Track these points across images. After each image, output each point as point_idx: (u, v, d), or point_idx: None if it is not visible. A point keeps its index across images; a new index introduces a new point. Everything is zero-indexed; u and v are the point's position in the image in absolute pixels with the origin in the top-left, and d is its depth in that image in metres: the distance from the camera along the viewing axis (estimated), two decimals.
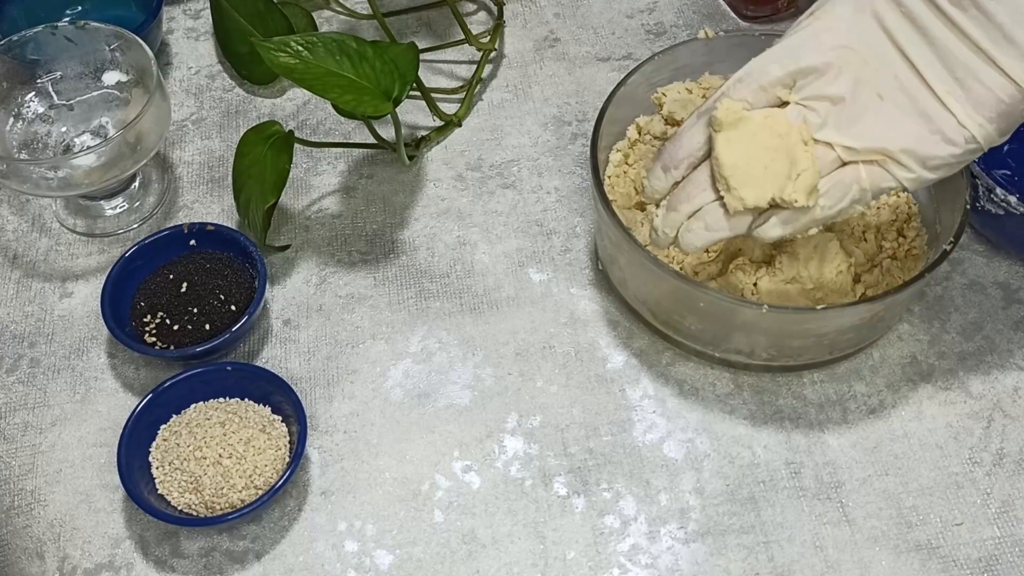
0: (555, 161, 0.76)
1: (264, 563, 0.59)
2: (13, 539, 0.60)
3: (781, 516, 0.59)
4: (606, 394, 0.64)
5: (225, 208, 0.74)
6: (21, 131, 0.72)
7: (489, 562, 0.58)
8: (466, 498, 0.60)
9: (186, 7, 0.88)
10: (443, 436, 0.63)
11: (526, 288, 0.69)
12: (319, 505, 0.60)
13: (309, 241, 0.72)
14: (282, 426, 0.61)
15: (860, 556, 0.58)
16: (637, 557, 0.58)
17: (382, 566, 0.58)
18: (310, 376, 0.66)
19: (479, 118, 0.79)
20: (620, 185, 0.68)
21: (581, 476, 0.61)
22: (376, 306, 0.69)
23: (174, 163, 0.77)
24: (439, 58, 0.83)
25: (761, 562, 0.58)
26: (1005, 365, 0.65)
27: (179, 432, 0.60)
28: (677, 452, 0.62)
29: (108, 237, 0.73)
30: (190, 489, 0.58)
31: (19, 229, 0.74)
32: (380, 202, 0.74)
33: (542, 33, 0.85)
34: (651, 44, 0.83)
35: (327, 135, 0.79)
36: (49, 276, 0.71)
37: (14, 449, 0.63)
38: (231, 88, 0.82)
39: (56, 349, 0.68)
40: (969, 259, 0.69)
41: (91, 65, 0.73)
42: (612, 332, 0.67)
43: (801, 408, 0.63)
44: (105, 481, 0.62)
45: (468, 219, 0.73)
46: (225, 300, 0.66)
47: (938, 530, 0.58)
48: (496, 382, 0.65)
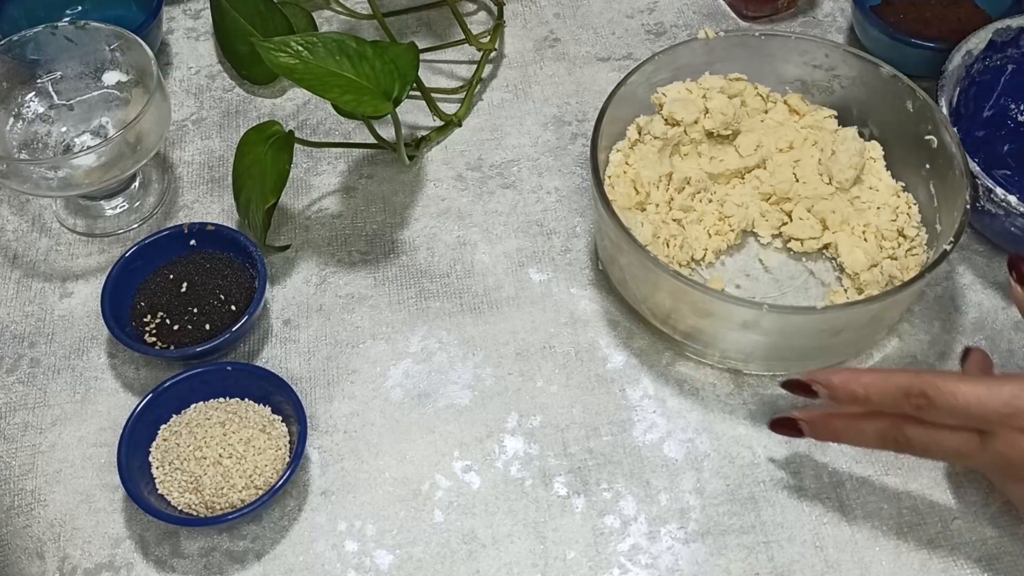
0: (555, 161, 0.76)
1: (264, 563, 0.59)
2: (13, 539, 0.60)
3: (781, 516, 0.59)
4: (606, 394, 0.64)
5: (225, 208, 0.74)
6: (21, 131, 0.72)
7: (489, 562, 0.58)
8: (466, 498, 0.60)
9: (186, 7, 0.88)
10: (443, 436, 0.63)
11: (526, 288, 0.69)
12: (319, 505, 0.60)
13: (309, 241, 0.72)
14: (282, 426, 0.61)
15: (860, 556, 0.58)
16: (637, 557, 0.58)
17: (382, 566, 0.58)
18: (310, 376, 0.66)
19: (479, 118, 0.79)
20: (620, 185, 0.68)
21: (581, 476, 0.61)
22: (376, 306, 0.69)
23: (174, 163, 0.77)
24: (439, 58, 0.83)
25: (761, 562, 0.58)
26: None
27: (179, 432, 0.60)
28: (677, 452, 0.62)
29: (108, 237, 0.73)
30: (190, 489, 0.58)
31: (19, 229, 0.74)
32: (380, 202, 0.74)
33: (542, 33, 0.85)
34: (651, 44, 0.83)
35: (327, 135, 0.79)
36: (49, 276, 0.71)
37: (14, 449, 0.63)
38: (231, 88, 0.82)
39: (56, 349, 0.68)
40: (969, 259, 0.69)
41: (91, 65, 0.73)
42: (612, 332, 0.67)
43: None
44: (105, 481, 0.62)
45: (468, 219, 0.73)
46: (225, 300, 0.66)
47: (938, 530, 0.58)
48: (496, 382, 0.65)
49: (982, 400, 0.50)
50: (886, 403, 0.52)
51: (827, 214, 0.67)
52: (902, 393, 0.51)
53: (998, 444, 0.50)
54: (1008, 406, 0.49)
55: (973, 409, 0.50)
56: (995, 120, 0.73)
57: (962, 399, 0.50)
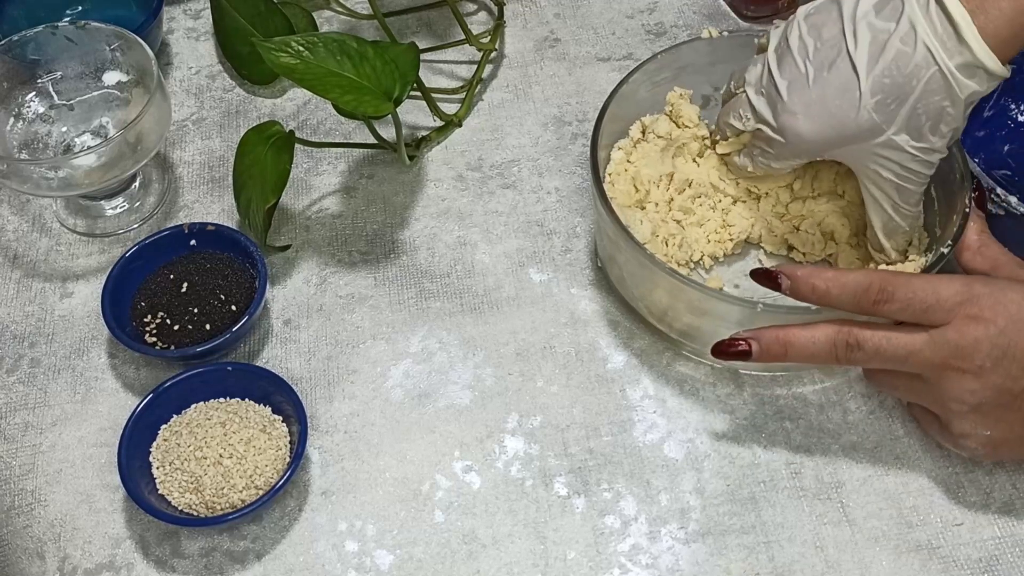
0: (555, 161, 0.76)
1: (264, 563, 0.59)
2: (13, 539, 0.60)
3: (781, 516, 0.59)
4: (606, 394, 0.64)
5: (225, 208, 0.74)
6: (21, 131, 0.72)
7: (489, 562, 0.58)
8: (466, 498, 0.60)
9: (186, 7, 0.88)
10: (443, 436, 0.63)
11: (526, 288, 0.69)
12: (319, 505, 0.60)
13: (309, 241, 0.72)
14: (282, 426, 0.61)
15: (860, 556, 0.58)
16: (637, 557, 0.58)
17: (382, 566, 0.58)
18: (310, 376, 0.66)
19: (479, 118, 0.79)
20: (621, 183, 0.68)
21: (581, 476, 0.61)
22: (376, 306, 0.69)
23: (174, 163, 0.77)
24: (439, 58, 0.83)
25: (761, 562, 0.58)
26: None
27: (180, 432, 0.60)
28: (677, 452, 0.62)
29: (108, 237, 0.73)
30: (190, 489, 0.58)
31: (19, 229, 0.74)
32: (380, 202, 0.74)
33: (542, 33, 0.85)
34: (651, 44, 0.83)
35: (327, 135, 0.79)
36: (49, 276, 0.71)
37: (14, 449, 0.63)
38: (231, 88, 0.82)
39: (56, 349, 0.68)
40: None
41: (91, 65, 0.73)
42: (612, 332, 0.67)
43: (801, 408, 0.63)
44: (105, 481, 0.62)
45: (468, 219, 0.73)
46: (225, 300, 0.66)
47: (938, 530, 0.58)
48: (496, 382, 0.65)
49: (937, 289, 0.53)
50: (845, 298, 0.54)
51: (837, 228, 0.67)
52: (862, 288, 0.53)
53: (949, 333, 0.52)
54: (960, 294, 0.52)
55: (929, 298, 0.52)
56: (995, 120, 0.73)
57: (919, 290, 0.53)
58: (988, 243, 0.60)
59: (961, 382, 0.54)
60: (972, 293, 0.52)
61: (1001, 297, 0.52)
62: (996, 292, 0.53)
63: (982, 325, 0.52)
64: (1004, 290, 0.53)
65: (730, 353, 0.57)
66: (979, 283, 0.53)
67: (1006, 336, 0.52)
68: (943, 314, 0.52)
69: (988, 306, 0.52)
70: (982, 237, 0.60)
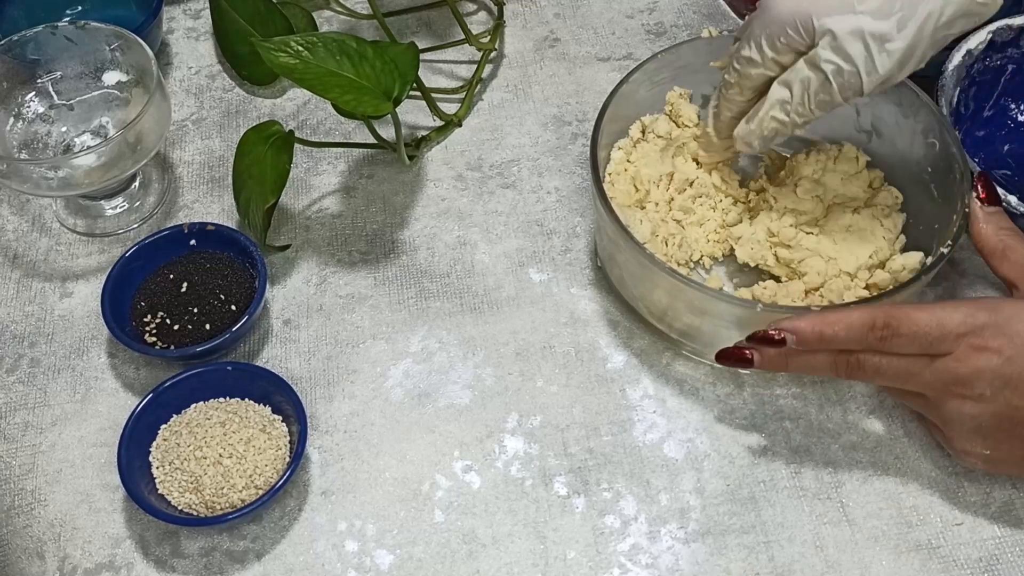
0: (555, 161, 0.76)
1: (264, 563, 0.59)
2: (13, 539, 0.60)
3: (781, 516, 0.59)
4: (606, 394, 0.64)
5: (225, 208, 0.74)
6: (21, 131, 0.72)
7: (489, 562, 0.58)
8: (466, 498, 0.60)
9: (186, 7, 0.88)
10: (443, 436, 0.63)
11: (526, 288, 0.69)
12: (319, 505, 0.60)
13: (309, 241, 0.72)
14: (282, 426, 0.61)
15: (860, 556, 0.58)
16: (637, 557, 0.58)
17: (382, 566, 0.58)
18: (310, 376, 0.66)
19: (479, 118, 0.79)
20: (621, 182, 0.68)
21: (581, 476, 0.61)
22: (376, 306, 0.69)
23: (174, 163, 0.77)
24: (439, 58, 0.83)
25: (761, 562, 0.58)
26: None
27: (179, 432, 0.60)
28: (677, 452, 0.62)
29: (108, 237, 0.73)
30: (190, 489, 0.58)
31: (19, 229, 0.74)
32: (380, 202, 0.74)
33: (542, 33, 0.85)
34: (651, 44, 0.83)
35: (327, 135, 0.79)
36: (49, 276, 0.71)
37: (14, 449, 0.63)
38: (231, 88, 0.82)
39: (56, 349, 0.68)
40: (969, 259, 0.69)
41: (91, 65, 0.73)
42: (612, 332, 0.67)
43: (801, 408, 0.63)
44: (105, 481, 0.62)
45: (468, 219, 0.73)
46: (225, 300, 0.66)
47: (938, 530, 0.58)
48: (496, 382, 0.65)
49: (941, 321, 0.53)
50: (852, 339, 0.54)
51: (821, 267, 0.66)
52: (867, 327, 0.53)
53: (950, 362, 0.53)
54: (964, 325, 0.52)
55: (933, 331, 0.52)
56: (995, 120, 0.73)
57: (923, 324, 0.53)
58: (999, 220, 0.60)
59: (961, 407, 0.54)
60: (976, 323, 0.52)
61: (1006, 328, 0.52)
62: (1001, 323, 0.53)
63: (985, 355, 0.52)
64: (1010, 320, 0.53)
65: (733, 359, 0.58)
66: (984, 311, 0.53)
67: (1012, 365, 0.52)
68: (948, 345, 0.53)
69: (992, 336, 0.52)
70: (991, 220, 0.59)
